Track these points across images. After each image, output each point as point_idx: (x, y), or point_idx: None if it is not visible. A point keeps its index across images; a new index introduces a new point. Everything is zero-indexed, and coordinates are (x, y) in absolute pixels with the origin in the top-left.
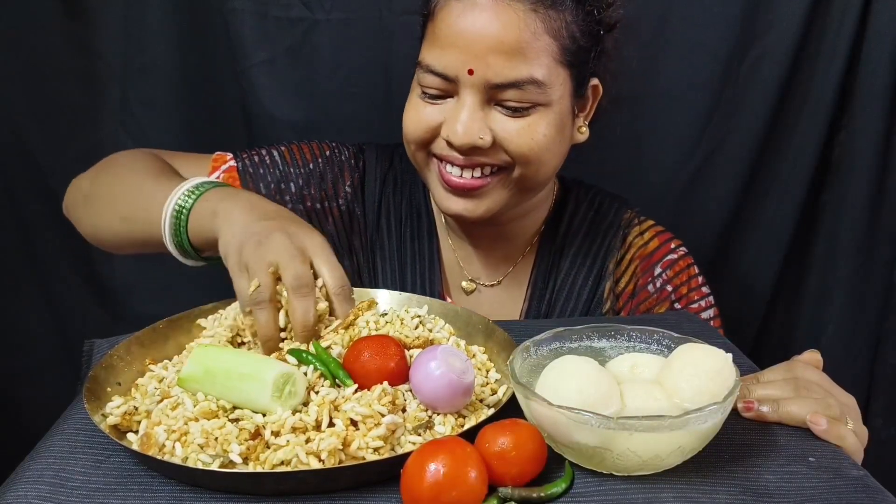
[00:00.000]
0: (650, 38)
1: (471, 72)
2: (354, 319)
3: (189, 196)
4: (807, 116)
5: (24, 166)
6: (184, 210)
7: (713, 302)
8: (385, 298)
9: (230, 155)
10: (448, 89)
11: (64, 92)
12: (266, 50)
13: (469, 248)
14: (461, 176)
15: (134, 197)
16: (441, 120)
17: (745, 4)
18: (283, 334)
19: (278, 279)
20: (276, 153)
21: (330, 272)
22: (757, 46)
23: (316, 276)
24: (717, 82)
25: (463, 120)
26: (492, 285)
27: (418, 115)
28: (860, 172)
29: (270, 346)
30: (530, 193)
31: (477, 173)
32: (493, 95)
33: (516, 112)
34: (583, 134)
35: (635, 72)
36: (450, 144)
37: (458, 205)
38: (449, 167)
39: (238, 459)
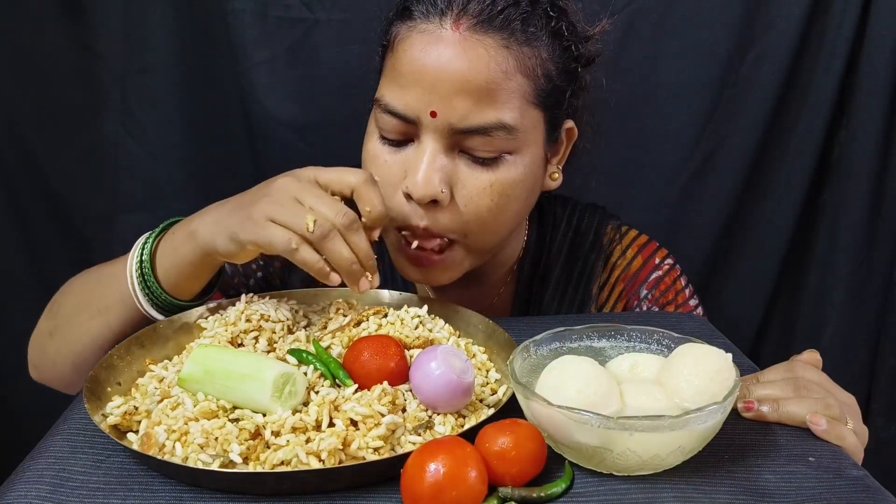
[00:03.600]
0: (650, 37)
1: (433, 114)
2: (360, 322)
3: (144, 246)
4: (807, 116)
5: (24, 166)
6: (144, 255)
7: (702, 313)
8: (385, 298)
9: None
10: (408, 132)
11: (64, 92)
12: (266, 50)
13: (443, 291)
14: (418, 247)
15: (98, 289)
16: (402, 172)
17: (745, 4)
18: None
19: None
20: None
21: (342, 175)
22: (757, 46)
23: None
24: (717, 82)
25: (423, 169)
26: None
27: (381, 172)
28: (860, 172)
29: (356, 271)
30: (488, 255)
31: (434, 244)
32: (457, 141)
33: (482, 162)
34: (555, 181)
35: (635, 72)
36: (409, 197)
37: (418, 275)
38: (406, 246)
39: (238, 459)
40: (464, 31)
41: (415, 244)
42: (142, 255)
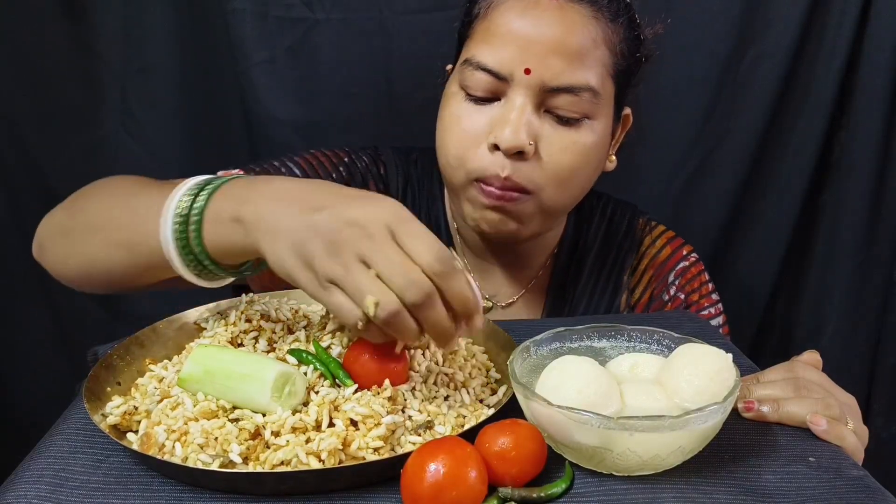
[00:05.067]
0: (650, 37)
1: (528, 71)
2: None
3: (191, 196)
4: (806, 116)
5: (24, 166)
6: (191, 215)
7: (722, 309)
8: None
9: (238, 171)
10: (497, 90)
11: (64, 92)
12: (266, 50)
13: (486, 268)
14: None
15: (127, 217)
16: (488, 127)
17: (745, 4)
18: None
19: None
20: (292, 165)
21: (426, 247)
22: (756, 46)
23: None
24: (717, 82)
25: (513, 121)
26: (508, 304)
27: (466, 124)
28: (860, 172)
29: (448, 339)
30: (554, 219)
31: (512, 195)
32: (544, 100)
33: (566, 122)
34: (612, 163)
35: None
36: (494, 148)
37: (497, 220)
38: (486, 188)
39: (238, 459)
40: None
41: (492, 189)
42: (188, 218)
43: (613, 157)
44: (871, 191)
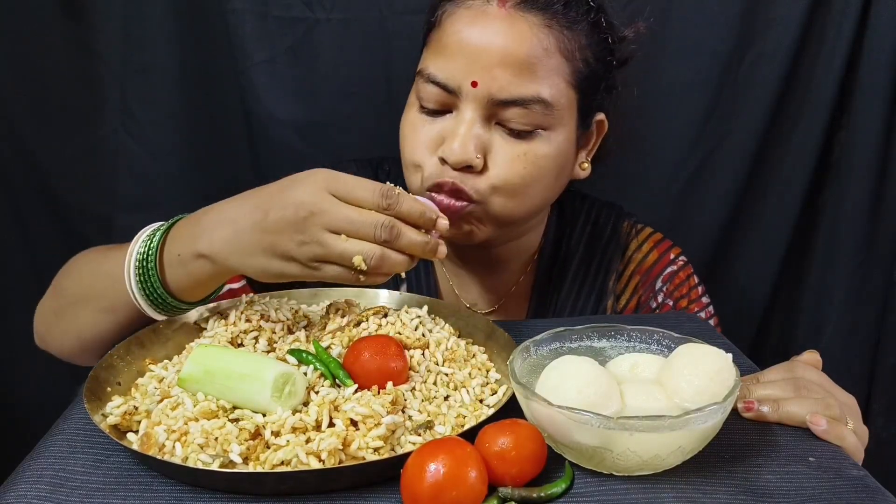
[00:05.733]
0: (650, 37)
1: (474, 84)
2: (360, 322)
3: (145, 243)
4: (806, 116)
5: (24, 166)
6: (147, 259)
7: (713, 312)
8: (384, 298)
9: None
10: (448, 102)
11: (64, 92)
12: (266, 50)
13: (464, 275)
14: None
15: (101, 283)
16: (439, 138)
17: (745, 4)
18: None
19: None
20: None
21: (366, 191)
22: (757, 46)
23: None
24: (717, 82)
25: (461, 135)
26: (490, 312)
27: (417, 136)
28: (860, 172)
29: (426, 254)
30: (512, 227)
31: (460, 204)
32: (494, 113)
33: (517, 135)
34: (584, 170)
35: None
36: (443, 161)
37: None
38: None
39: (238, 459)
40: (509, 7)
41: (441, 197)
42: (146, 260)
43: (586, 165)
44: (871, 191)
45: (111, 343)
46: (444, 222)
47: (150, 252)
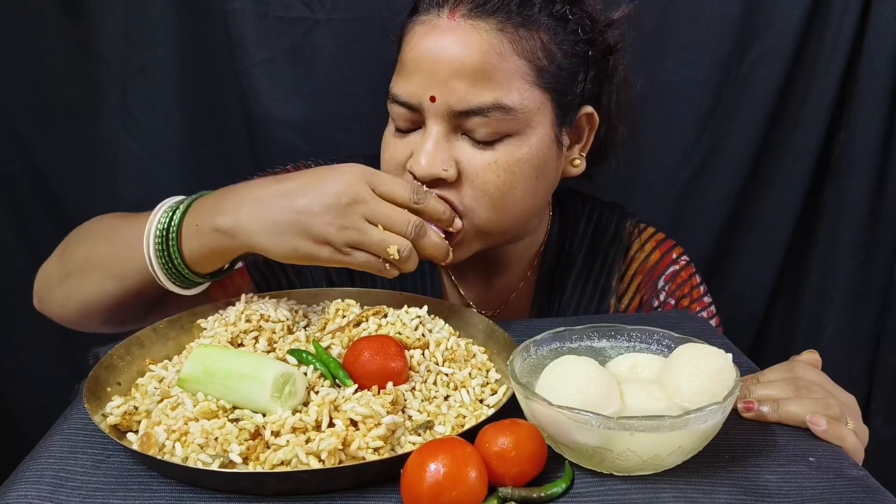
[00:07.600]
0: (650, 37)
1: (433, 98)
2: (360, 322)
3: (167, 214)
4: (806, 116)
5: (24, 166)
6: (170, 230)
7: (715, 311)
8: (385, 299)
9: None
10: (416, 119)
11: (64, 92)
12: (266, 50)
13: (466, 278)
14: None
15: (113, 251)
16: (410, 154)
17: (745, 4)
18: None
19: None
20: None
21: (401, 189)
22: (757, 46)
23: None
24: (717, 82)
25: (427, 150)
26: (495, 313)
27: (389, 154)
28: (860, 172)
29: (446, 252)
30: (501, 237)
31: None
32: (458, 124)
33: (485, 144)
34: (577, 167)
35: (634, 71)
36: (414, 177)
37: None
38: None
39: (238, 459)
40: (459, 18)
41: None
42: (166, 230)
43: (579, 162)
44: (871, 191)
45: (114, 309)
46: (459, 222)
47: (173, 224)
